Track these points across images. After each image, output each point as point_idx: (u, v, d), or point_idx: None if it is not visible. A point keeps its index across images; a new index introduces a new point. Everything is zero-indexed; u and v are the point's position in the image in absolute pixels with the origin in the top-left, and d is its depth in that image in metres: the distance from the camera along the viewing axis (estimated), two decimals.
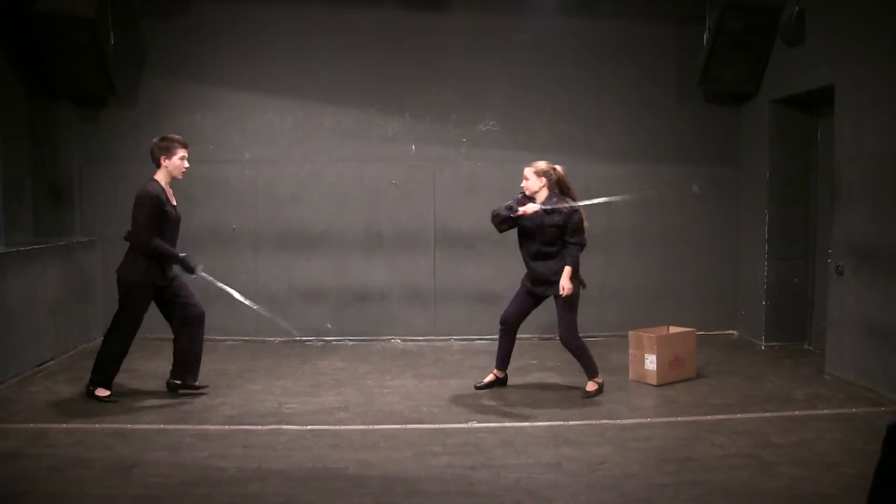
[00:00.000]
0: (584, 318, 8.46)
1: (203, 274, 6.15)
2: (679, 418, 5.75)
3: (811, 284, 8.17)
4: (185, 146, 6.22)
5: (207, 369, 7.18)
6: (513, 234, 8.50)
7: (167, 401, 6.18)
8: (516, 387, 6.62)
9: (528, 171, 6.28)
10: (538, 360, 7.63)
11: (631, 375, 6.84)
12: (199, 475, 4.64)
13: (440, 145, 8.52)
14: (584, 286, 6.32)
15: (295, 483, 4.54)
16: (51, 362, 7.24)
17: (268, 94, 8.45)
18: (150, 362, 7.46)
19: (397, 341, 8.43)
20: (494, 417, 5.77)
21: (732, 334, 8.75)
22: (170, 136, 6.25)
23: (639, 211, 8.63)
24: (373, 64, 8.47)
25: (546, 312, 8.52)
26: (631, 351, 6.84)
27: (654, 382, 6.61)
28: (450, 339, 8.46)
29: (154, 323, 8.45)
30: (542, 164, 6.28)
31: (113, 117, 8.41)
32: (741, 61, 8.08)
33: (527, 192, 6.29)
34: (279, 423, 5.62)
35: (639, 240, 8.69)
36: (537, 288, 6.31)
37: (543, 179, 6.24)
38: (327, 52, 8.42)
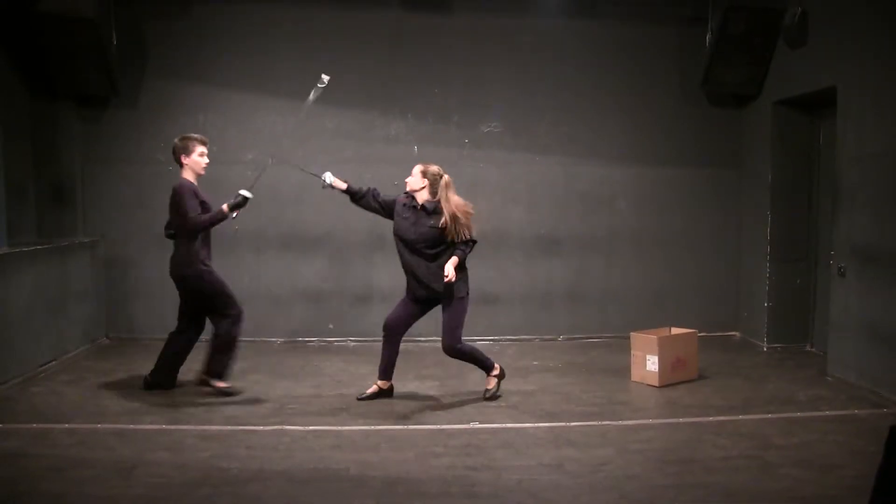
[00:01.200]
0: (586, 318, 8.57)
1: (246, 193, 6.25)
2: (681, 420, 5.74)
3: (813, 286, 8.16)
4: (203, 143, 6.40)
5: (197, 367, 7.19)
6: (514, 235, 8.56)
7: (169, 401, 6.18)
8: (517, 388, 6.60)
9: (416, 169, 6.22)
10: (539, 360, 7.62)
11: (633, 377, 6.83)
12: (201, 476, 4.65)
13: (442, 146, 8.52)
14: (467, 290, 6.21)
15: (297, 484, 4.54)
16: (53, 363, 7.24)
17: (270, 95, 8.45)
18: (149, 363, 7.44)
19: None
20: (496, 418, 5.77)
21: (734, 336, 8.75)
22: (189, 134, 6.45)
23: (640, 212, 8.65)
24: (375, 65, 8.47)
25: (549, 314, 8.56)
26: (633, 352, 6.83)
27: (656, 384, 6.60)
28: None
29: (160, 323, 8.50)
30: (433, 168, 6.21)
31: (115, 118, 8.42)
32: (743, 63, 8.09)
33: (407, 188, 6.24)
34: (281, 423, 5.62)
35: (640, 241, 8.69)
36: (419, 293, 6.18)
37: (426, 181, 6.17)
38: (330, 53, 8.41)
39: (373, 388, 6.34)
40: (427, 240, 6.06)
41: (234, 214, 6.23)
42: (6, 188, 7.02)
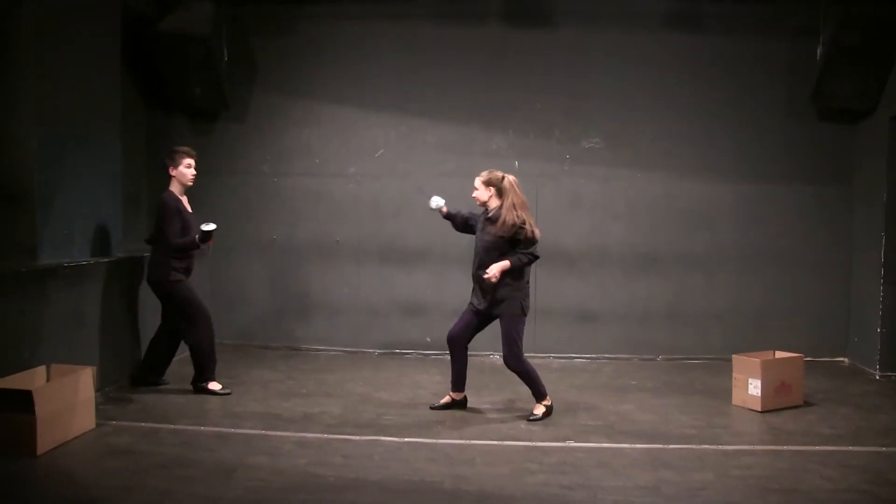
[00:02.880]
0: (685, 338, 8.38)
1: (212, 225, 6.46)
2: (784, 447, 5.52)
3: None
4: (190, 155, 6.66)
5: (308, 378, 7.37)
6: (614, 252, 8.45)
7: (267, 407, 6.34)
8: (614, 407, 6.50)
9: (477, 181, 6.13)
10: (638, 380, 7.49)
11: (734, 400, 6.62)
12: (298, 481, 4.74)
13: (543, 161, 8.50)
14: (524, 312, 6.09)
15: (391, 494, 4.57)
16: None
17: (372, 110, 8.61)
18: (252, 369, 7.69)
19: (496, 357, 8.40)
20: (592, 437, 5.68)
21: (843, 362, 8.38)
22: (176, 147, 6.72)
23: (743, 231, 8.42)
24: (476, 79, 8.52)
25: (649, 333, 8.41)
26: (734, 375, 6.62)
27: (759, 409, 6.38)
28: (549, 357, 8.39)
29: (255, 329, 8.75)
30: (495, 174, 6.11)
31: (224, 131, 8.74)
32: (858, 76, 7.76)
33: (478, 203, 6.18)
34: (377, 434, 5.69)
35: (744, 260, 8.43)
36: (479, 304, 6.13)
37: (491, 189, 6.08)
38: (431, 67, 8.53)
39: (446, 399, 6.40)
40: (488, 248, 6.00)
41: (207, 244, 6.54)
42: (123, 197, 7.35)
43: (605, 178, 8.48)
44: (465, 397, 6.42)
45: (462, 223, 6.40)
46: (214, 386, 6.66)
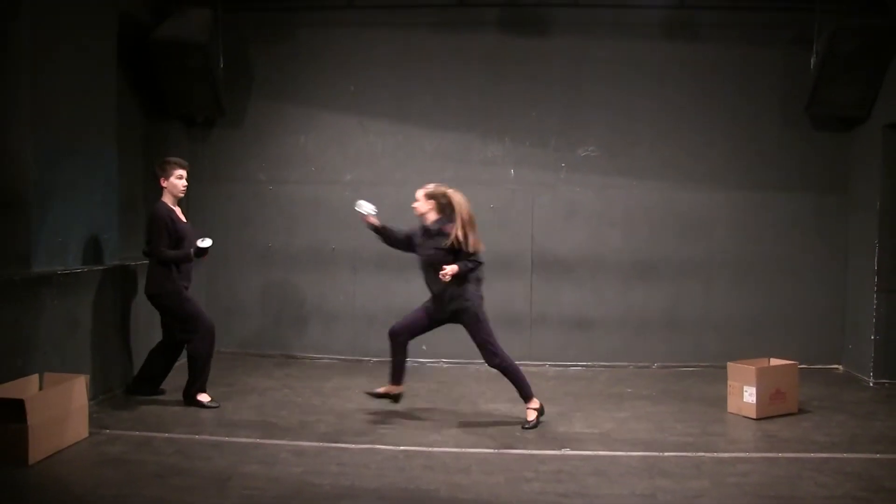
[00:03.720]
0: (681, 346, 8.38)
1: (208, 241, 6.46)
2: (780, 454, 5.52)
3: None
4: (181, 166, 6.62)
5: (303, 386, 7.36)
6: (610, 260, 8.45)
7: (263, 416, 6.33)
8: (610, 415, 6.50)
9: (419, 193, 6.24)
10: (633, 388, 7.49)
11: (729, 408, 6.62)
12: (294, 490, 4.73)
13: (539, 170, 8.51)
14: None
15: (387, 503, 4.57)
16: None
17: (369, 117, 8.62)
18: (248, 377, 7.69)
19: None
20: (588, 445, 5.68)
21: (837, 369, 8.39)
22: (168, 158, 6.68)
23: (739, 239, 8.43)
24: (473, 88, 8.54)
25: (644, 340, 8.41)
26: (730, 382, 6.63)
27: (754, 416, 6.39)
28: (545, 365, 8.39)
29: (251, 337, 8.75)
30: (437, 189, 6.21)
31: (221, 138, 8.74)
32: (852, 84, 7.79)
33: (416, 213, 6.27)
34: (373, 442, 5.68)
35: (739, 268, 8.45)
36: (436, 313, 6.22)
37: (431, 202, 6.16)
38: (428, 75, 8.54)
39: (382, 389, 6.44)
40: (433, 263, 6.05)
41: (202, 259, 6.53)
42: (119, 204, 7.34)
43: (601, 186, 8.49)
44: (401, 393, 6.43)
45: (402, 239, 6.40)
46: (204, 398, 6.60)
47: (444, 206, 6.13)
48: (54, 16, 6.28)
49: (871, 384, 7.73)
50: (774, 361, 6.84)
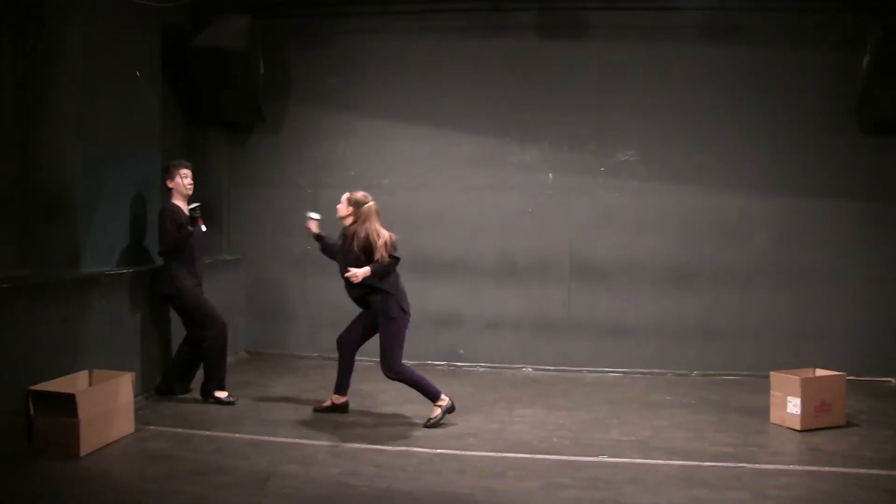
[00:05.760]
0: (720, 354, 8.27)
1: (196, 206, 6.61)
2: (824, 468, 5.38)
3: None
4: (186, 167, 6.80)
5: None
6: (647, 266, 8.38)
7: (301, 416, 6.39)
8: (648, 423, 6.45)
9: (343, 197, 6.33)
10: (672, 396, 7.42)
11: (771, 418, 6.51)
12: (331, 490, 4.77)
13: (577, 174, 8.48)
14: (405, 313, 6.26)
15: None
16: (197, 372, 7.59)
17: (407, 122, 8.65)
18: (285, 378, 7.76)
19: (528, 370, 8.40)
20: (625, 453, 5.64)
21: (889, 382, 8.16)
22: (171, 161, 6.86)
23: (781, 246, 8.29)
24: (510, 92, 8.53)
25: (682, 348, 8.32)
26: (772, 392, 6.51)
27: (798, 427, 6.26)
28: (581, 371, 8.35)
29: (289, 339, 8.82)
30: (357, 195, 6.31)
31: (260, 144, 8.85)
32: None
33: (338, 215, 6.36)
34: (409, 445, 5.70)
35: (782, 276, 8.30)
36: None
37: (350, 208, 6.25)
38: (466, 80, 8.56)
39: (327, 402, 6.53)
40: (344, 265, 6.19)
41: (198, 226, 6.62)
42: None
43: (639, 191, 8.43)
44: (346, 402, 6.53)
45: (333, 251, 6.54)
46: (221, 394, 6.71)
47: (359, 213, 6.23)
48: (101, 27, 6.46)
49: None
50: (820, 372, 6.70)
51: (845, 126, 8.19)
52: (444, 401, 6.25)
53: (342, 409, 6.52)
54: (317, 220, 6.65)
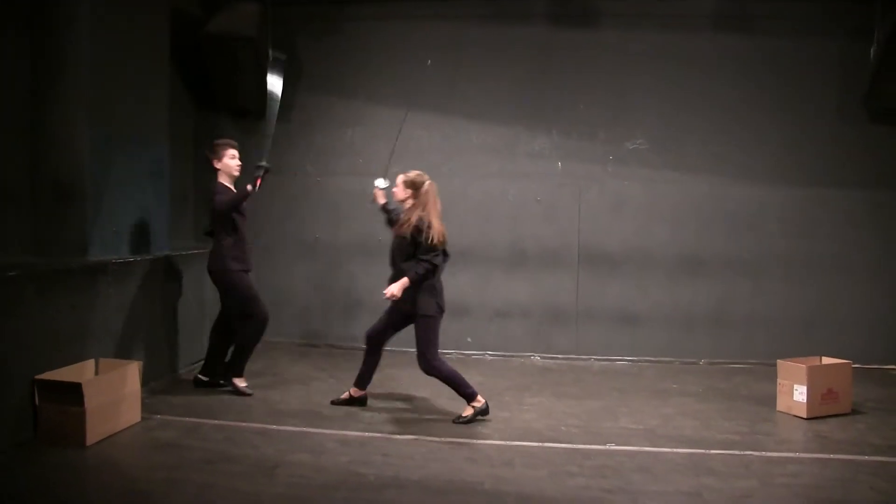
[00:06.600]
0: (729, 343, 8.26)
1: (265, 165, 6.55)
2: (832, 456, 5.40)
3: None
4: (233, 146, 6.65)
5: (349, 377, 7.40)
6: (657, 254, 8.36)
7: (309, 405, 6.39)
8: (657, 411, 6.44)
9: (399, 178, 6.09)
10: (679, 384, 7.41)
11: (778, 406, 6.51)
12: (339, 479, 4.78)
13: (587, 163, 8.45)
14: (440, 310, 6.03)
15: (431, 494, 4.59)
16: (203, 361, 7.61)
17: (416, 110, 8.61)
18: (294, 366, 7.78)
19: (537, 359, 8.40)
20: (633, 441, 5.64)
21: (894, 370, 8.18)
22: (218, 140, 6.71)
23: (791, 235, 8.27)
24: (520, 80, 8.51)
25: (692, 336, 8.31)
26: (779, 381, 6.51)
27: (804, 415, 6.26)
28: (590, 359, 8.34)
29: (298, 327, 8.83)
30: (412, 174, 6.07)
31: None
32: None
33: (394, 199, 6.15)
34: (418, 433, 5.70)
35: (791, 265, 8.28)
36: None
37: (409, 190, 6.01)
38: (475, 68, 8.53)
39: (345, 395, 6.41)
40: (395, 248, 6.01)
41: (257, 185, 6.51)
42: (171, 195, 7.47)
43: (649, 180, 8.40)
44: (365, 396, 6.41)
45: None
46: (240, 382, 6.65)
47: (418, 194, 6.00)
48: (111, 12, 6.42)
49: None
50: (827, 360, 6.69)
51: (857, 115, 8.16)
52: (480, 402, 6.05)
53: (360, 402, 6.40)
54: (384, 188, 6.36)
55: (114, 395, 5.45)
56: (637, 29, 8.35)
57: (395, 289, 5.86)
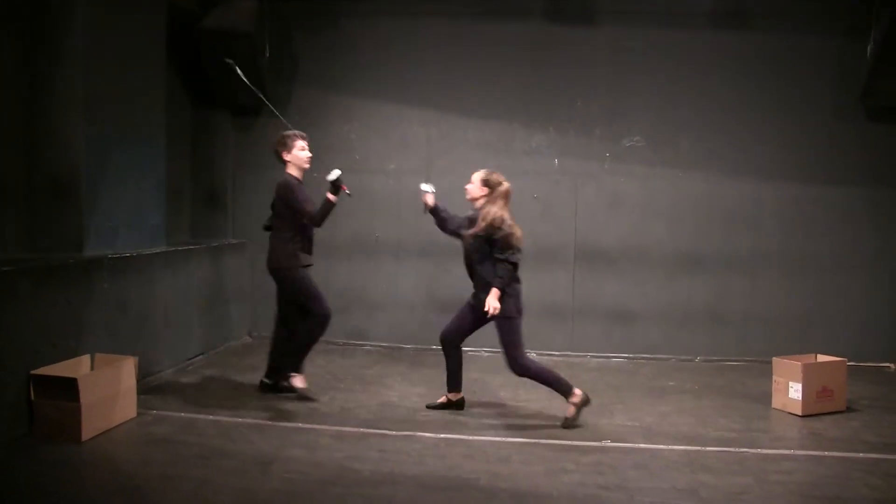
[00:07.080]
0: (725, 340, 8.27)
1: (336, 172, 6.29)
2: (826, 453, 5.41)
3: None
4: (303, 138, 6.49)
5: (345, 373, 7.43)
6: (654, 251, 8.37)
7: (306, 401, 6.38)
8: (652, 408, 6.45)
9: (476, 176, 5.99)
10: (675, 381, 7.42)
11: (774, 404, 6.52)
12: (335, 475, 4.78)
13: (583, 160, 8.45)
14: (519, 312, 5.92)
15: (427, 490, 4.59)
16: (200, 357, 7.63)
17: (413, 106, 8.62)
18: None
19: (533, 355, 8.36)
20: (629, 438, 5.65)
21: (889, 367, 8.19)
22: (286, 132, 6.51)
23: (788, 233, 8.28)
24: (517, 77, 8.50)
25: (688, 334, 8.32)
26: (775, 378, 6.52)
27: (799, 413, 6.28)
28: (586, 356, 8.35)
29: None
30: (494, 175, 5.95)
31: (265, 127, 8.78)
32: None
33: (467, 197, 6.04)
34: (413, 429, 5.70)
35: (787, 262, 8.30)
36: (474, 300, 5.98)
37: (486, 189, 5.92)
38: (472, 64, 8.52)
39: (441, 399, 6.31)
40: (470, 250, 5.93)
41: (340, 193, 6.28)
42: (167, 191, 7.45)
43: (646, 177, 8.40)
44: (462, 398, 6.30)
45: (455, 227, 6.19)
46: (299, 380, 6.36)
47: (493, 193, 5.90)
48: (106, 6, 6.41)
49: None
50: (822, 357, 6.71)
51: (853, 113, 8.16)
52: (577, 395, 5.89)
53: (458, 405, 6.27)
54: (432, 192, 6.30)
55: (109, 390, 5.45)
56: (634, 26, 8.34)
57: (494, 302, 5.74)
